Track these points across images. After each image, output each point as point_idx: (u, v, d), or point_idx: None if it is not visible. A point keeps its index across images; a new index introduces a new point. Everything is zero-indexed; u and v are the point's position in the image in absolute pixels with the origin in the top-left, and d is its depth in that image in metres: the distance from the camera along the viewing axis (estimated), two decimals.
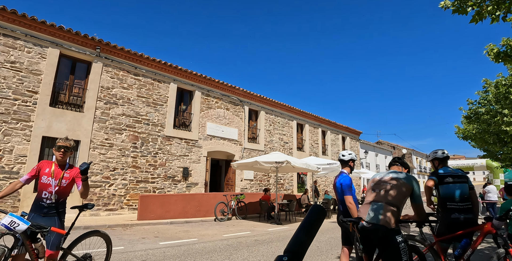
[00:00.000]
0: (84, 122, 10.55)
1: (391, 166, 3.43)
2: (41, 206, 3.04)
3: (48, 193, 3.04)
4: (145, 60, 12.35)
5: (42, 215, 3.02)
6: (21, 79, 9.43)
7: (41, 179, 3.06)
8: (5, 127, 9.02)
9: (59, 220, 3.10)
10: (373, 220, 2.73)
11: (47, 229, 2.69)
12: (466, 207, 3.64)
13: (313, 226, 0.97)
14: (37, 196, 3.09)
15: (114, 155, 11.12)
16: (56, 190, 3.06)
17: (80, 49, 10.73)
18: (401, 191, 2.88)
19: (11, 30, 9.36)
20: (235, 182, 15.51)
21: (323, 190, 20.92)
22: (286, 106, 19.26)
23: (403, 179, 2.96)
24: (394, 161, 3.47)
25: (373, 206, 2.86)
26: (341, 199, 3.86)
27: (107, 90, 11.27)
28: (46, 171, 3.08)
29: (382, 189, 2.96)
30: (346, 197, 3.73)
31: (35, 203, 3.08)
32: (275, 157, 11.40)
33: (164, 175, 12.51)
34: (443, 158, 4.03)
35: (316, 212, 1.01)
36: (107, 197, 10.75)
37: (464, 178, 3.81)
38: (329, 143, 23.47)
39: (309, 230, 0.96)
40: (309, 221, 0.98)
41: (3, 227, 2.56)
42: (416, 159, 43.29)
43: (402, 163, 3.42)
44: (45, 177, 3.06)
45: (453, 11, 4.47)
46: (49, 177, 3.05)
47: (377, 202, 2.86)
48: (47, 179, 3.05)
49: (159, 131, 12.60)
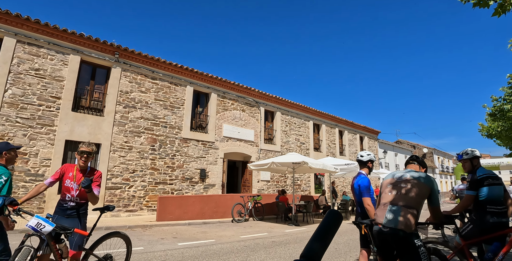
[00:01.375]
0: (105, 126, 10.86)
1: (407, 164, 3.24)
2: (65, 208, 3.18)
3: (70, 196, 3.17)
4: (162, 64, 12.60)
5: (66, 216, 3.15)
6: (45, 85, 9.82)
7: (65, 182, 3.19)
8: (31, 132, 9.41)
9: (81, 221, 3.22)
10: (391, 224, 2.61)
11: (71, 230, 2.81)
12: (504, 210, 3.49)
13: (329, 231, 0.98)
14: (60, 198, 3.23)
15: (133, 157, 11.39)
16: (77, 194, 3.18)
17: (99, 55, 11.07)
18: (421, 192, 2.73)
19: (35, 39, 9.76)
20: (252, 183, 15.56)
21: (341, 190, 20.68)
22: (302, 107, 19.17)
23: (423, 179, 2.80)
24: (412, 159, 3.26)
25: (390, 208, 2.72)
26: (359, 201, 3.79)
27: (126, 94, 11.56)
28: (70, 175, 3.21)
29: (400, 190, 2.80)
30: (364, 198, 3.64)
31: (58, 205, 3.22)
32: (291, 157, 11.37)
33: (182, 176, 12.70)
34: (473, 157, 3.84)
35: (333, 217, 1.01)
36: (127, 198, 11.02)
37: (500, 179, 3.63)
38: (347, 143, 23.18)
39: (326, 235, 0.96)
40: (325, 226, 0.99)
41: (30, 229, 2.69)
42: (438, 158, 42.07)
43: (420, 162, 3.23)
44: (68, 180, 3.18)
45: (473, 5, 4.31)
46: (72, 181, 3.18)
47: (395, 205, 2.72)
48: (70, 183, 3.17)
49: (177, 133, 12.81)
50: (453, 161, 46.58)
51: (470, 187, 3.69)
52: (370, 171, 4.03)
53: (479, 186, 3.61)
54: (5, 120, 9.01)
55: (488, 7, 4.22)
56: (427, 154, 40.22)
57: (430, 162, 39.87)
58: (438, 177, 40.03)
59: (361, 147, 25.19)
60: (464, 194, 3.81)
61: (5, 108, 9.07)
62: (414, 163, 3.19)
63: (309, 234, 8.71)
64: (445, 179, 42.55)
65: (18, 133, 9.18)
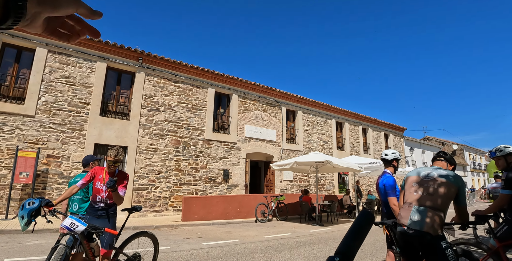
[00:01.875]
0: (131, 129, 11.24)
1: (434, 161, 3.09)
2: (95, 208, 3.36)
3: (100, 197, 3.34)
4: (183, 68, 12.88)
5: (97, 217, 3.32)
6: (74, 92, 10.31)
7: (95, 184, 3.36)
8: (63, 136, 9.90)
9: (111, 221, 3.38)
10: (416, 226, 2.51)
11: (102, 230, 2.96)
12: None
13: (362, 231, 1.02)
14: (91, 200, 3.41)
15: (158, 159, 11.72)
16: (106, 195, 3.35)
17: (124, 61, 11.48)
18: (449, 192, 2.59)
19: (64, 48, 10.27)
20: (275, 183, 15.58)
21: (366, 190, 20.27)
22: (324, 105, 18.96)
23: (451, 179, 2.64)
24: (439, 156, 3.09)
25: (415, 210, 2.60)
26: (385, 201, 3.68)
27: (150, 98, 11.92)
28: (100, 177, 3.37)
29: (427, 189, 2.66)
30: (390, 198, 3.52)
31: (90, 206, 3.41)
32: (314, 157, 11.28)
33: (206, 177, 12.92)
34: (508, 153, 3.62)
35: (365, 217, 1.05)
36: (153, 199, 11.36)
37: None
38: (371, 141, 22.69)
39: (359, 234, 1.00)
40: (357, 226, 1.03)
41: (64, 228, 2.86)
42: (469, 155, 40.29)
43: (447, 159, 3.05)
44: (98, 182, 3.36)
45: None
46: (101, 183, 3.35)
47: (421, 205, 2.60)
48: (100, 185, 3.34)
49: (199, 134, 13.05)
50: (485, 158, 44.46)
51: (506, 186, 3.48)
52: (395, 170, 3.92)
53: None
54: (39, 126, 9.54)
55: None
56: (457, 151, 38.64)
57: (460, 159, 38.27)
58: (469, 174, 38.36)
59: (386, 145, 24.57)
60: (499, 193, 3.63)
61: (39, 114, 9.60)
62: (441, 160, 3.04)
63: (334, 235, 8.62)
64: (477, 177, 40.69)
65: (51, 138, 9.69)
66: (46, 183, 9.48)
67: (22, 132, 9.29)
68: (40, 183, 9.39)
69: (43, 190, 9.42)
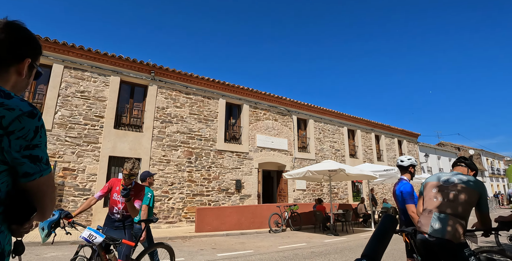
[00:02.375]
0: (144, 141, 11.41)
1: (455, 166, 2.99)
2: (112, 220, 3.41)
3: (117, 209, 3.40)
4: (194, 79, 13.08)
5: (114, 228, 3.37)
6: (89, 106, 10.57)
7: (112, 196, 3.43)
8: (78, 149, 10.12)
9: (128, 232, 3.41)
10: (437, 233, 2.44)
11: (119, 241, 2.99)
12: None
13: (386, 235, 1.03)
14: (109, 211, 3.47)
15: (171, 170, 11.81)
16: (123, 207, 3.39)
17: (137, 75, 11.75)
18: (470, 199, 2.51)
19: (79, 64, 10.60)
20: (288, 193, 15.45)
21: (381, 198, 19.87)
22: (335, 113, 18.88)
23: (472, 184, 2.56)
24: (459, 161, 2.99)
25: (436, 216, 2.53)
26: (403, 208, 3.57)
27: (162, 110, 12.11)
28: (117, 188, 3.44)
29: (447, 195, 2.58)
30: (408, 205, 3.39)
31: (107, 218, 3.46)
32: (327, 165, 11.18)
33: (218, 188, 12.93)
34: None
35: (389, 222, 1.07)
36: (166, 210, 11.40)
37: None
38: (384, 147, 22.37)
39: (383, 238, 1.02)
40: (382, 230, 1.05)
41: (83, 240, 2.91)
42: (487, 160, 39.16)
43: (468, 164, 2.95)
44: (115, 194, 3.42)
45: None
46: (118, 195, 3.40)
47: (442, 212, 2.52)
48: (117, 196, 3.40)
49: (211, 145, 13.13)
50: (504, 162, 43.15)
51: None
52: (412, 176, 3.82)
53: None
54: (56, 139, 9.78)
55: None
56: (474, 156, 37.65)
57: (478, 164, 37.26)
58: (488, 180, 37.23)
59: (400, 151, 24.17)
60: None
61: (56, 128, 9.85)
62: (462, 165, 2.94)
63: (350, 244, 8.45)
64: (496, 182, 39.44)
65: (67, 151, 9.91)
66: (62, 196, 9.64)
67: None
68: (57, 195, 9.57)
69: (59, 203, 9.58)
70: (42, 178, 0.99)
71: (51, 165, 1.08)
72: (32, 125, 0.94)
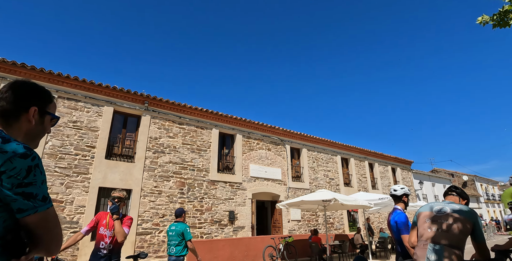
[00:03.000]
0: (135, 171, 11.22)
1: (446, 196, 3.00)
2: (99, 256, 3.25)
3: (104, 243, 3.25)
4: (188, 110, 13.19)
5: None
6: (81, 136, 10.50)
7: (99, 230, 3.31)
8: (67, 180, 9.88)
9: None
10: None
11: None
12: None
13: None
14: (95, 246, 3.32)
15: (163, 201, 11.52)
16: (111, 241, 3.26)
17: (131, 105, 11.83)
18: (464, 228, 2.47)
19: (73, 94, 10.67)
20: (282, 224, 15.07)
21: (377, 227, 19.48)
22: (328, 142, 19.00)
23: (465, 214, 2.54)
24: (450, 190, 3.00)
25: (431, 248, 2.48)
26: (398, 239, 3.47)
27: (155, 140, 12.06)
28: (104, 222, 3.33)
29: (441, 225, 2.55)
30: (404, 236, 3.32)
31: (93, 253, 3.30)
32: (321, 195, 11.04)
33: (211, 219, 12.57)
34: None
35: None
36: (157, 244, 10.96)
37: None
38: (378, 175, 22.31)
39: None
40: None
41: None
42: (481, 186, 39.10)
43: (459, 193, 2.96)
44: (102, 228, 3.31)
45: (493, 26, 4.32)
46: (105, 228, 3.29)
47: (437, 243, 2.48)
48: (104, 230, 3.29)
49: (204, 175, 12.95)
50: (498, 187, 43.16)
51: None
52: (406, 206, 3.78)
53: None
54: (45, 170, 9.55)
55: (509, 26, 4.23)
56: (468, 182, 37.66)
57: (472, 190, 37.17)
58: (484, 206, 36.96)
59: (395, 179, 24.10)
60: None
61: (45, 159, 9.69)
62: (453, 194, 2.95)
63: None
64: (492, 208, 39.12)
65: (56, 182, 9.66)
66: None
67: None
68: None
69: None
70: (39, 214, 1.06)
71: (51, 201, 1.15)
72: (25, 165, 1.04)
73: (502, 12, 4.30)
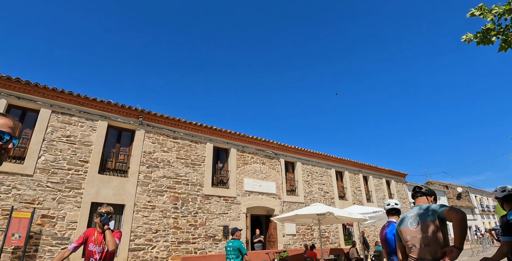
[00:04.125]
0: (129, 186, 11.15)
1: (415, 198, 3.03)
2: None
3: (94, 260, 3.22)
4: (182, 124, 13.26)
5: None
6: (74, 150, 10.47)
7: (88, 246, 3.29)
8: (60, 195, 9.78)
9: None
10: None
11: None
12: None
13: None
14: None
15: (156, 216, 11.41)
16: (100, 257, 3.24)
17: (125, 120, 11.87)
18: (437, 230, 2.54)
19: (67, 109, 10.71)
20: (277, 238, 14.92)
21: (373, 241, 19.33)
22: (323, 155, 19.08)
23: (430, 215, 2.60)
24: (415, 192, 3.02)
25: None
26: (395, 252, 3.48)
27: (149, 154, 12.05)
28: (92, 238, 3.32)
29: (420, 240, 2.63)
30: None
31: None
32: (315, 208, 11.03)
33: (205, 234, 12.43)
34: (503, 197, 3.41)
35: None
36: (149, 260, 10.77)
37: None
38: (373, 188, 22.33)
39: None
40: None
41: None
42: (475, 197, 39.17)
43: (425, 192, 2.98)
44: (91, 244, 3.28)
45: (477, 43, 4.49)
46: (94, 244, 3.27)
47: (423, 260, 2.57)
48: (93, 246, 3.26)
49: (198, 190, 12.89)
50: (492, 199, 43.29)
51: (504, 232, 3.27)
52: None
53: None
54: (36, 185, 9.48)
55: (492, 43, 4.41)
56: (462, 193, 37.75)
57: (467, 201, 37.21)
58: (479, 217, 36.92)
59: (389, 192, 24.11)
60: None
61: (38, 173, 9.61)
62: (419, 196, 2.99)
63: None
64: (487, 219, 39.06)
65: (47, 197, 9.56)
66: (39, 245, 9.09)
67: (19, 191, 9.20)
68: (33, 244, 9.01)
69: (35, 253, 8.99)
70: None
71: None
72: None
73: (485, 30, 4.52)
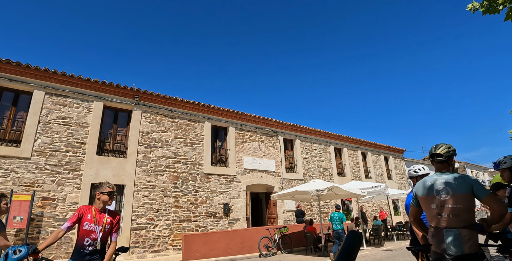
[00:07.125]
0: (128, 167, 11.14)
1: (434, 164, 2.71)
2: (83, 253, 2.99)
3: (90, 240, 3.02)
4: (179, 103, 13.06)
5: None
6: (71, 132, 10.35)
7: (83, 225, 3.04)
8: (59, 177, 9.78)
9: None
10: (457, 252, 2.32)
11: None
12: None
13: (352, 252, 1.06)
14: (78, 244, 3.03)
15: (156, 196, 11.49)
16: (101, 236, 3.08)
17: (121, 100, 11.67)
18: (468, 202, 2.40)
19: (61, 90, 10.48)
20: (277, 215, 15.18)
21: (371, 215, 19.75)
22: (322, 132, 19.05)
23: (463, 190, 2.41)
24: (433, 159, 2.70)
25: (447, 234, 2.39)
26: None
27: (147, 135, 11.96)
28: (88, 217, 3.09)
29: (449, 210, 2.43)
30: None
31: (76, 251, 3.02)
32: (315, 185, 11.12)
33: (206, 212, 12.60)
34: None
35: (354, 238, 1.10)
36: (152, 238, 10.97)
37: None
38: (371, 164, 22.51)
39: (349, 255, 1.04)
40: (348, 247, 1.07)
41: None
42: (472, 172, 39.76)
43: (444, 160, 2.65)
44: (87, 223, 3.05)
45: (483, 12, 4.31)
46: (92, 223, 3.06)
47: (451, 228, 2.39)
48: (90, 226, 3.05)
49: (198, 169, 12.93)
50: (488, 173, 43.96)
51: (510, 203, 3.12)
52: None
53: None
54: (35, 168, 9.45)
55: (498, 12, 4.21)
56: (459, 169, 38.26)
57: None
58: None
59: (387, 168, 24.35)
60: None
61: (35, 156, 9.55)
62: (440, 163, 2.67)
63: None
64: None
65: (47, 180, 9.56)
66: (41, 227, 9.19)
67: (17, 174, 9.18)
68: (35, 227, 9.11)
69: (38, 235, 9.11)
70: None
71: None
72: None
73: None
